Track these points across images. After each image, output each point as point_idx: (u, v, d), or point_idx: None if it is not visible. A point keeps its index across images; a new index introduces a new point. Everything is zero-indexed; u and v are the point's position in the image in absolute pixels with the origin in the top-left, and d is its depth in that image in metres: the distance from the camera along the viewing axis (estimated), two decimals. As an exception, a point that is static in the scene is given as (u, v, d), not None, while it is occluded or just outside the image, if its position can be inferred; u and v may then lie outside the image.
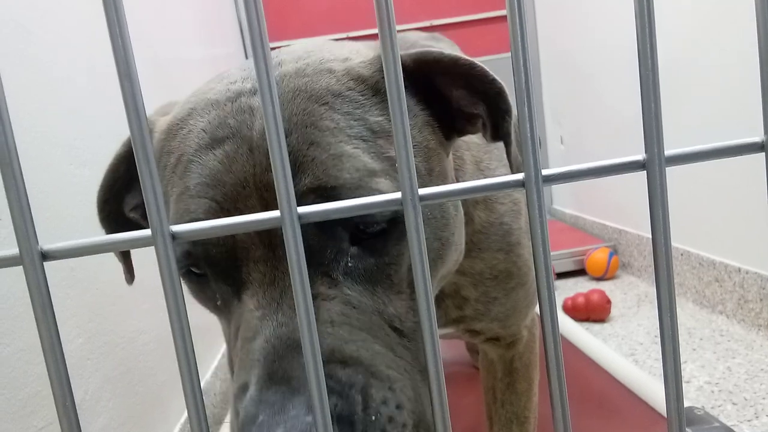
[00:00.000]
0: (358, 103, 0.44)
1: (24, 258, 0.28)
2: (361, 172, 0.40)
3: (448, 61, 0.46)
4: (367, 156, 0.41)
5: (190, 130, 0.45)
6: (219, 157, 0.42)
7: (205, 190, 0.41)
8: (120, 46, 0.25)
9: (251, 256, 0.40)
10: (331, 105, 0.43)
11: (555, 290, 2.06)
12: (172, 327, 0.28)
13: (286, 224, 0.28)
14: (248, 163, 0.41)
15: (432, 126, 0.48)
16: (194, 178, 0.42)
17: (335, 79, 0.44)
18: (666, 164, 0.28)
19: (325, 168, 0.40)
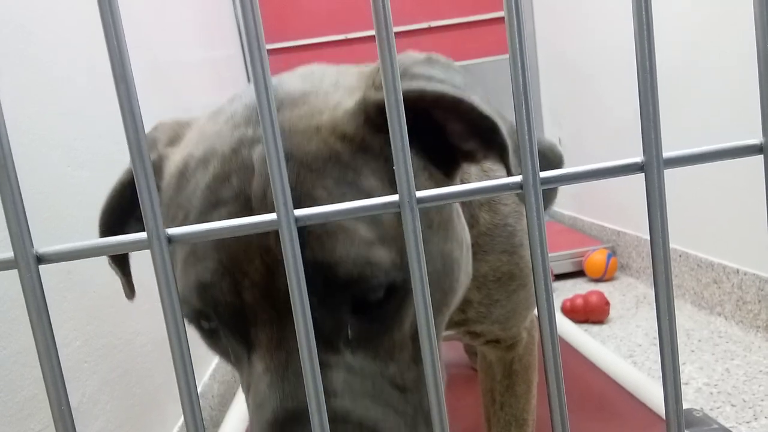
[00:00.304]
0: (349, 166, 0.43)
1: (19, 261, 0.28)
2: (357, 245, 0.40)
3: (431, 97, 0.44)
4: (363, 226, 0.41)
5: (197, 185, 0.45)
6: (223, 219, 0.42)
7: (210, 253, 0.42)
8: (116, 48, 0.25)
9: (258, 318, 0.41)
10: (321, 172, 0.42)
11: (553, 292, 2.06)
12: (168, 330, 0.28)
13: (283, 227, 0.28)
14: None
15: (429, 170, 0.47)
16: (200, 243, 0.43)
17: (323, 141, 0.43)
18: (664, 166, 0.27)
19: (321, 242, 0.40)
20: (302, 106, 0.46)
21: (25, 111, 0.83)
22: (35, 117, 0.85)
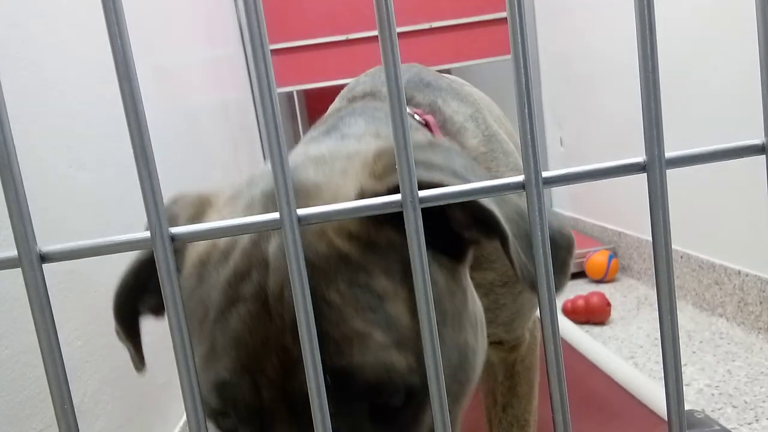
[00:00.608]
0: (359, 267, 0.42)
1: (22, 260, 0.28)
2: (372, 350, 0.40)
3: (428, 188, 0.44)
4: (378, 330, 0.41)
5: (218, 279, 0.45)
6: (242, 316, 0.42)
7: (229, 351, 0.42)
8: (119, 47, 0.25)
9: (276, 418, 0.41)
10: (333, 275, 0.42)
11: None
12: (171, 329, 0.28)
13: (286, 226, 0.28)
14: (269, 323, 0.41)
15: (438, 261, 0.46)
16: (218, 339, 0.43)
17: (331, 242, 0.43)
18: (666, 166, 0.28)
19: (337, 348, 0.40)
20: (314, 199, 0.45)
21: (27, 112, 0.83)
22: (38, 118, 0.85)
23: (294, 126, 3.72)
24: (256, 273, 0.43)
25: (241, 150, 2.20)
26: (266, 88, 0.27)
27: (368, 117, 0.62)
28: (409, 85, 0.72)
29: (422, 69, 0.76)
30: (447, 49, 2.64)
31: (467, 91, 0.77)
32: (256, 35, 0.26)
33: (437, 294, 0.44)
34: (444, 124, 0.68)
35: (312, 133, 0.64)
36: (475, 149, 0.68)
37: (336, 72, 2.62)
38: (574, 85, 2.45)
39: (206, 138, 1.74)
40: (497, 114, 0.88)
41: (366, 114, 0.63)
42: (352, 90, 0.76)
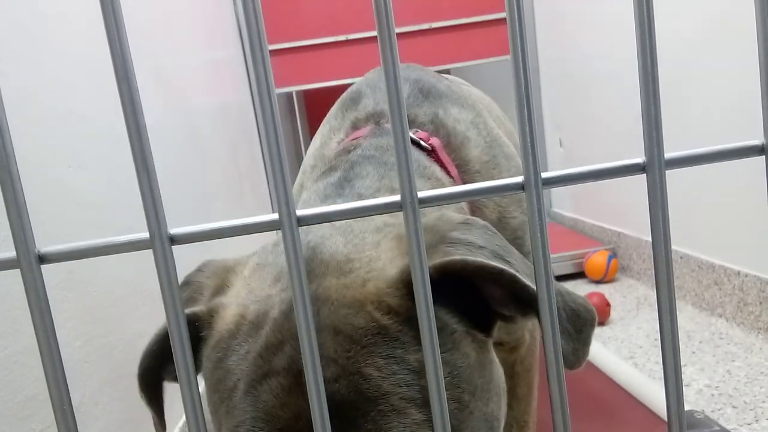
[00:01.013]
0: (397, 341, 0.43)
1: (21, 261, 0.28)
2: (410, 428, 0.40)
3: (473, 268, 0.44)
4: (413, 407, 0.41)
5: (249, 351, 0.44)
6: (274, 390, 0.42)
7: (259, 425, 0.42)
8: (118, 49, 0.25)
9: None
10: (370, 348, 0.42)
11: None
12: (170, 330, 0.28)
13: (285, 227, 0.28)
14: (302, 398, 0.41)
15: (471, 335, 0.46)
16: (249, 412, 0.42)
17: (370, 315, 0.43)
18: (666, 167, 0.28)
19: (377, 427, 0.40)
20: (348, 274, 0.46)
21: (26, 112, 0.83)
22: (36, 118, 0.85)
23: (293, 126, 3.72)
24: (288, 346, 0.43)
25: (240, 152, 2.20)
26: (265, 91, 0.27)
27: (378, 164, 0.63)
28: (409, 101, 0.72)
29: (421, 73, 0.76)
30: (446, 50, 2.64)
31: (466, 93, 0.77)
32: (255, 36, 0.26)
33: (470, 368, 0.45)
34: (448, 140, 0.69)
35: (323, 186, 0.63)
36: (477, 159, 0.69)
37: (335, 72, 2.62)
38: (574, 87, 2.45)
39: (206, 140, 1.74)
40: (497, 114, 0.89)
41: (375, 160, 0.63)
42: (354, 104, 0.75)
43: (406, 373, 0.42)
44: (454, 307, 0.46)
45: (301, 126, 3.64)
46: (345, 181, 0.62)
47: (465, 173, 0.68)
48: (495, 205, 0.68)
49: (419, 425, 0.40)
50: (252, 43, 0.26)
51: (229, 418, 0.44)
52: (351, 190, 0.60)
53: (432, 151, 0.67)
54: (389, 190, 0.60)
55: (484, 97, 0.91)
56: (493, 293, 0.46)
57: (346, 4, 2.60)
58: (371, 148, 0.65)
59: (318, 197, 0.61)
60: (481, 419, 0.44)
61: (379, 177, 0.61)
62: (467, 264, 0.44)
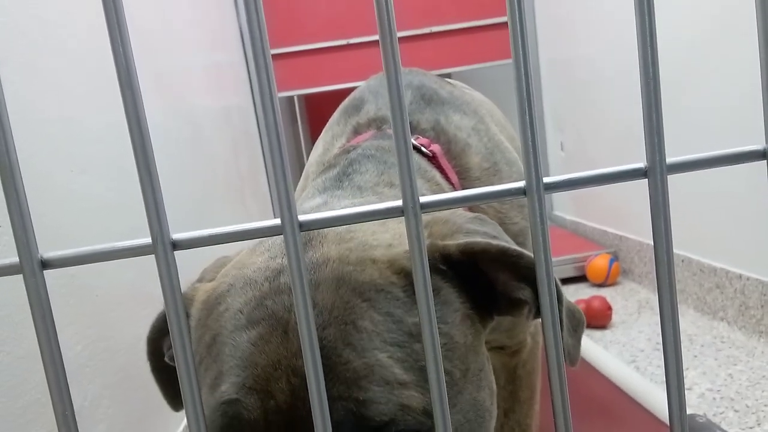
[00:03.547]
0: (399, 301, 0.43)
1: (24, 266, 0.28)
2: (391, 385, 0.40)
3: (495, 251, 0.45)
4: (400, 366, 0.41)
5: (227, 309, 0.45)
6: (253, 338, 0.42)
7: (237, 371, 0.41)
8: (121, 54, 0.25)
9: None
10: (372, 302, 0.42)
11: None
12: (172, 335, 0.28)
13: (287, 231, 0.28)
14: (282, 346, 0.41)
15: (472, 318, 0.47)
16: (227, 362, 0.42)
17: (378, 271, 0.44)
18: (668, 172, 0.28)
19: (356, 377, 0.39)
20: (350, 240, 0.46)
21: (28, 117, 0.83)
22: (39, 123, 0.85)
23: (295, 130, 3.72)
24: (270, 301, 0.43)
25: (242, 155, 2.20)
26: (267, 94, 0.27)
27: (378, 162, 0.63)
28: (411, 107, 0.73)
29: (423, 79, 0.76)
30: (448, 54, 2.65)
31: (468, 99, 0.77)
32: (257, 41, 0.26)
33: (465, 348, 0.45)
34: (449, 147, 0.70)
35: (322, 181, 0.64)
36: (478, 166, 0.69)
37: (337, 76, 2.62)
38: (575, 90, 2.46)
39: (208, 143, 1.75)
40: (499, 118, 0.89)
41: (375, 158, 0.64)
42: (356, 110, 0.76)
43: (400, 333, 0.42)
44: (461, 289, 0.47)
45: (303, 130, 3.65)
46: (344, 175, 0.62)
47: (465, 180, 0.69)
48: (495, 211, 0.69)
49: (403, 386, 0.40)
50: (254, 48, 0.26)
51: (209, 372, 0.44)
52: (350, 183, 0.61)
53: (433, 157, 0.67)
54: (388, 185, 0.61)
55: (486, 101, 0.92)
56: (508, 279, 0.47)
57: (348, 8, 2.61)
58: (371, 148, 0.65)
59: (317, 190, 0.62)
60: (470, 402, 0.45)
61: (378, 173, 0.62)
62: (490, 247, 0.45)
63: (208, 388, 0.43)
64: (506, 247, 0.45)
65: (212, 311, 0.46)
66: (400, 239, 0.48)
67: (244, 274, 0.46)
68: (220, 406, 0.41)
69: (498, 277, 0.47)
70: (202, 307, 0.48)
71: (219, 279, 0.49)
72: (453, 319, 0.45)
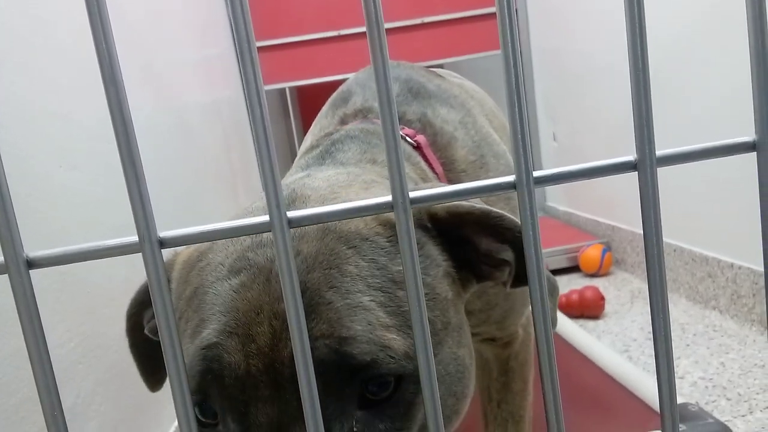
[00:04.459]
0: (384, 249, 0.44)
1: (9, 266, 0.27)
2: (373, 326, 0.40)
3: (479, 213, 0.47)
4: (383, 310, 0.41)
5: (209, 263, 0.45)
6: (234, 286, 0.42)
7: (218, 317, 0.41)
8: (104, 50, 0.25)
9: (260, 395, 0.40)
10: (357, 249, 0.43)
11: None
12: (161, 332, 0.28)
13: (276, 229, 0.28)
14: (264, 292, 0.41)
15: (452, 277, 0.48)
16: (208, 309, 0.42)
17: (363, 222, 0.45)
18: (657, 165, 0.27)
19: (339, 317, 0.40)
20: (334, 200, 0.47)
21: (15, 113, 0.82)
22: (27, 119, 0.85)
23: (287, 122, 3.70)
24: (251, 253, 0.43)
25: (233, 149, 2.19)
26: (253, 86, 0.26)
27: (361, 142, 0.64)
28: (398, 99, 0.73)
29: (411, 72, 0.76)
30: (440, 45, 2.64)
31: (456, 92, 0.77)
32: (242, 30, 0.26)
33: (446, 303, 0.46)
34: (434, 140, 0.70)
35: (305, 159, 0.64)
36: (463, 159, 0.70)
37: (328, 68, 2.61)
38: (567, 81, 2.45)
39: (198, 137, 1.74)
40: (490, 107, 0.88)
41: (359, 139, 0.65)
42: (344, 102, 0.76)
43: (384, 280, 0.42)
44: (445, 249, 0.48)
45: (295, 122, 3.63)
46: (326, 153, 0.63)
47: (450, 171, 0.69)
48: (480, 201, 0.69)
49: (385, 328, 0.40)
50: (239, 39, 0.26)
51: (190, 323, 0.44)
52: (332, 160, 0.62)
53: (417, 147, 0.68)
54: (371, 162, 0.61)
55: (476, 90, 0.91)
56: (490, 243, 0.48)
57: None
58: (355, 130, 0.66)
59: (300, 168, 0.62)
60: (451, 356, 0.45)
61: (361, 151, 0.63)
62: (474, 208, 0.47)
63: (188, 337, 0.43)
64: (489, 210, 0.47)
65: (193, 268, 0.46)
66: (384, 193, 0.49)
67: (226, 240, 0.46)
68: (200, 351, 0.41)
69: (481, 240, 0.48)
70: (183, 266, 0.48)
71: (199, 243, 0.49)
72: (435, 273, 0.46)
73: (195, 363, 0.41)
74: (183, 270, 0.48)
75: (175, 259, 0.50)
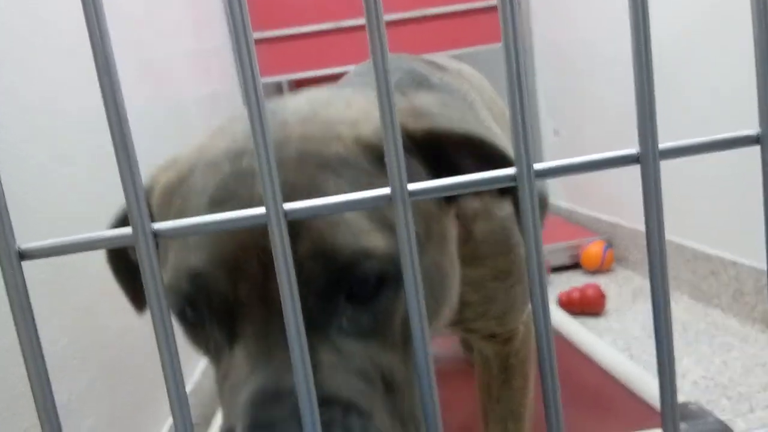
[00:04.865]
0: (366, 171, 0.44)
1: (1, 257, 0.27)
2: (356, 232, 0.41)
3: (458, 137, 0.47)
4: (366, 220, 0.42)
5: (189, 190, 0.45)
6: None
7: (207, 244, 0.41)
8: (99, 41, 0.25)
9: (248, 314, 0.40)
10: (338, 172, 0.43)
11: (549, 285, 2.06)
12: (155, 325, 0.28)
13: (272, 222, 0.27)
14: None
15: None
16: (193, 237, 0.42)
17: (343, 146, 0.44)
18: (660, 158, 0.27)
19: (323, 234, 0.40)
20: (315, 120, 0.46)
21: (8, 106, 0.82)
22: (19, 112, 0.84)
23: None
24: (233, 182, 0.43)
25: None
26: (250, 78, 0.26)
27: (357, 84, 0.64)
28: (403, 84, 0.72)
29: (413, 64, 0.76)
30: (441, 37, 2.63)
31: (456, 86, 0.76)
32: (239, 21, 0.25)
33: (428, 213, 0.47)
34: None
35: None
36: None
37: (326, 61, 2.59)
38: (569, 75, 2.45)
39: (194, 130, 1.73)
40: (489, 95, 0.88)
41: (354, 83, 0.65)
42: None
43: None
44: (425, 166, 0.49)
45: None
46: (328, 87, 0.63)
47: None
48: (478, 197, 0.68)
49: (367, 233, 0.41)
50: (236, 31, 0.25)
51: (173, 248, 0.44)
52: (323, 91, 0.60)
53: None
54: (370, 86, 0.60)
55: (474, 75, 0.91)
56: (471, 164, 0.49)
57: (336, -10, 2.58)
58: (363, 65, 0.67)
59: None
60: (433, 263, 0.46)
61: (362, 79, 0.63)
62: (453, 132, 0.47)
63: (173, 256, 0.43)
64: (469, 133, 0.47)
65: (174, 193, 0.46)
66: (366, 116, 0.48)
67: (205, 157, 0.46)
68: (186, 275, 0.41)
69: (461, 161, 0.48)
70: (163, 191, 0.48)
71: (180, 163, 0.49)
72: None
73: (181, 283, 0.41)
74: (165, 195, 0.48)
75: (153, 186, 0.50)
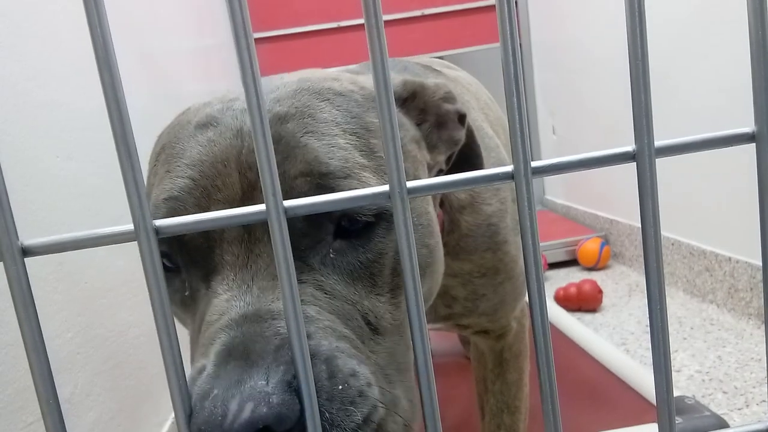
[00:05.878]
0: (357, 103, 0.46)
1: (4, 254, 0.27)
2: (350, 164, 0.41)
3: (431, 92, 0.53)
4: (358, 152, 0.43)
5: (179, 122, 0.47)
6: (202, 141, 0.43)
7: (183, 169, 0.42)
8: (99, 38, 0.25)
9: (225, 236, 0.40)
10: (331, 101, 0.45)
11: (546, 281, 2.06)
12: (156, 322, 0.28)
13: (272, 218, 0.28)
14: (232, 145, 0.42)
15: (419, 143, 0.51)
16: (174, 162, 0.43)
17: (338, 82, 0.47)
18: (656, 155, 0.27)
19: (317, 155, 0.41)
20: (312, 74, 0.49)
21: (12, 102, 0.82)
22: (22, 108, 0.84)
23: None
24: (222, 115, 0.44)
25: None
26: (251, 77, 0.26)
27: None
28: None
29: (409, 66, 0.76)
30: (439, 37, 2.63)
31: (451, 87, 0.76)
32: (239, 21, 0.25)
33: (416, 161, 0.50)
34: None
35: None
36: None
37: (327, 60, 2.60)
38: (567, 74, 2.45)
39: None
40: (485, 101, 0.88)
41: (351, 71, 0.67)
42: None
43: (358, 126, 0.44)
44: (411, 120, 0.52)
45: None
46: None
47: None
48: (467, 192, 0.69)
49: (361, 167, 0.42)
50: (237, 30, 0.26)
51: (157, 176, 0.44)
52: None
53: None
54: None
55: (472, 83, 0.91)
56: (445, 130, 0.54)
57: (336, -10, 2.58)
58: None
59: None
60: (422, 209, 0.48)
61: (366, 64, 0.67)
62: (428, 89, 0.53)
63: (154, 188, 0.44)
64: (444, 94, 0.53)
65: (165, 131, 0.49)
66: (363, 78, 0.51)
67: (199, 105, 0.48)
68: (162, 202, 0.41)
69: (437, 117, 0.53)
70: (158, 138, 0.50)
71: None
72: (404, 134, 0.49)
73: (156, 214, 0.41)
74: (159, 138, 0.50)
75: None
